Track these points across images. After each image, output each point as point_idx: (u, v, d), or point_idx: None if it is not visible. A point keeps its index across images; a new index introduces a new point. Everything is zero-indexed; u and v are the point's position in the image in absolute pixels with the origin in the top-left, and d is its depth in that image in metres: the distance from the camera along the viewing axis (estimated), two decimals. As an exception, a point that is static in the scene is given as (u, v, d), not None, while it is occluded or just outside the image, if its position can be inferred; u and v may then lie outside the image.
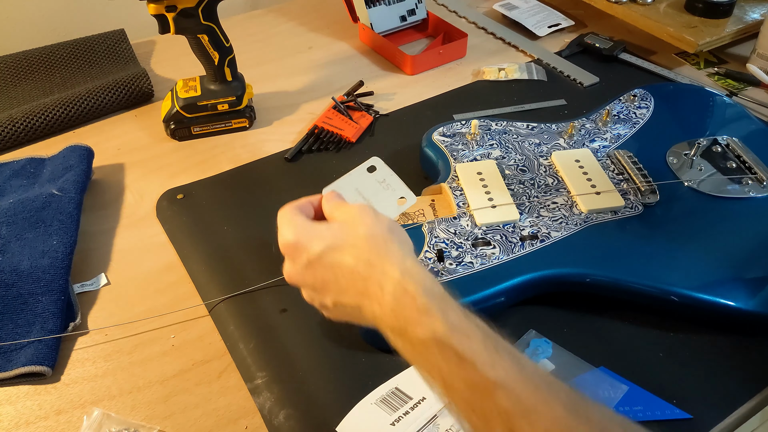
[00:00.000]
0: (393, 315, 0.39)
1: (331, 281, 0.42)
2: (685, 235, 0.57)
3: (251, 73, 0.84)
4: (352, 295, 0.41)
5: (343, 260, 0.41)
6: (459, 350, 0.36)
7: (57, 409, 0.50)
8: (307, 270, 0.43)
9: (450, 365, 0.36)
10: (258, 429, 0.48)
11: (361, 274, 0.40)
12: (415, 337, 0.38)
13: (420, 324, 0.38)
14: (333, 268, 0.42)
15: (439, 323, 0.37)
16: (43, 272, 0.57)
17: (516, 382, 0.35)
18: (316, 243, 0.42)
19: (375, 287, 0.40)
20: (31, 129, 0.76)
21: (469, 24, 1.02)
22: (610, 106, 0.73)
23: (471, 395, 0.35)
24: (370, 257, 0.41)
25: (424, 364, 0.38)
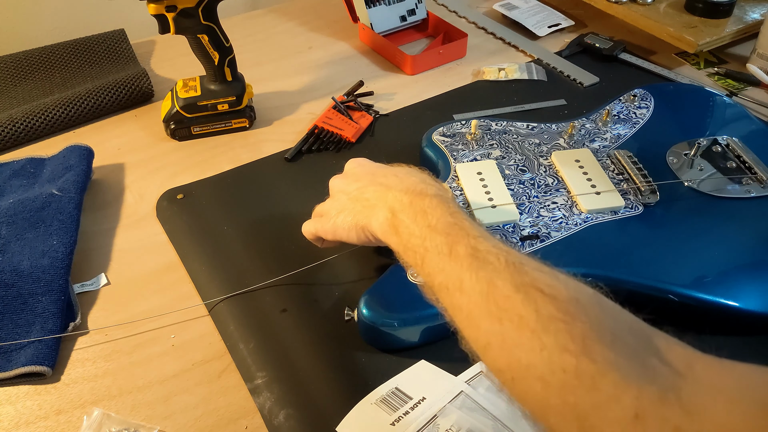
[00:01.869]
0: (412, 185, 0.48)
1: (365, 173, 0.53)
2: (685, 235, 0.57)
3: (251, 73, 0.84)
4: (387, 178, 0.51)
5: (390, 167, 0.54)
6: (455, 210, 0.44)
7: (57, 409, 0.50)
8: (364, 170, 0.54)
9: (443, 214, 0.43)
10: (258, 429, 0.48)
11: (398, 171, 0.52)
12: (426, 195, 0.46)
13: (436, 191, 0.47)
14: (383, 171, 0.53)
15: (451, 197, 0.48)
16: (43, 272, 0.57)
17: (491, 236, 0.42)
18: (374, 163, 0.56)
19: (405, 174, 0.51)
20: (31, 129, 0.76)
21: (469, 24, 1.02)
22: (610, 106, 0.73)
23: (449, 230, 0.42)
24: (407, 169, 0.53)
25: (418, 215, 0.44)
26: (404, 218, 0.45)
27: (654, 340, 0.34)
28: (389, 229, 0.47)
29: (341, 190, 0.54)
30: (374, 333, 0.51)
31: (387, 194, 0.48)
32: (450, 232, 0.42)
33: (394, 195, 0.48)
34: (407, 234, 0.44)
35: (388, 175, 0.51)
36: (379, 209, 0.48)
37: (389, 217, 0.47)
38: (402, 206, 0.46)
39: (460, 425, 0.45)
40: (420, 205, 0.45)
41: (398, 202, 0.47)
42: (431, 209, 0.44)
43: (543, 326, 0.33)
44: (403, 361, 0.51)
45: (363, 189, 0.51)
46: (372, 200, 0.49)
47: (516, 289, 0.36)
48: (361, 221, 0.50)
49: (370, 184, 0.51)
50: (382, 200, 0.48)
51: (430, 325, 0.51)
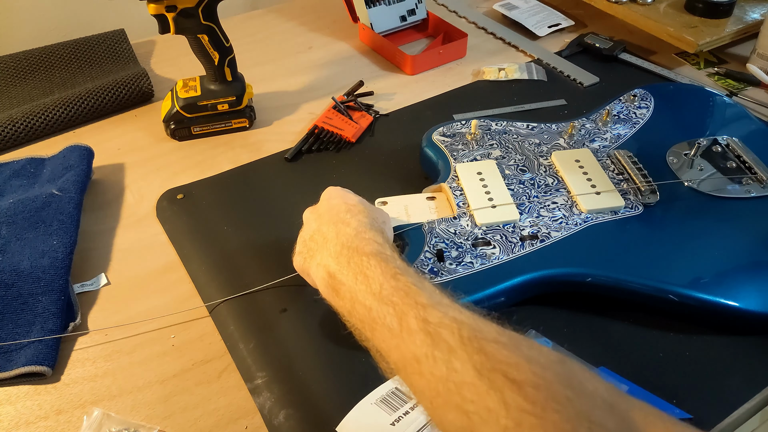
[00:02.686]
0: (347, 242, 0.45)
1: (323, 218, 0.50)
2: (685, 235, 0.57)
3: (251, 73, 0.84)
4: (327, 227, 0.48)
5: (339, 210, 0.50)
6: (396, 268, 0.42)
7: (57, 409, 0.50)
8: (321, 209, 0.52)
9: (385, 277, 0.41)
10: (258, 429, 0.48)
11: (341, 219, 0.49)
12: (364, 254, 0.43)
13: (373, 247, 0.44)
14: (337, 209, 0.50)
15: (390, 251, 0.45)
16: (43, 272, 0.57)
17: (438, 295, 0.39)
18: (351, 195, 0.54)
19: (343, 225, 0.48)
20: (31, 129, 0.76)
21: (469, 24, 1.02)
22: (610, 106, 0.73)
23: (396, 298, 0.39)
24: (352, 212, 0.50)
25: (358, 278, 0.42)
26: (344, 280, 0.43)
27: (631, 416, 0.32)
28: (329, 291, 0.44)
29: (305, 225, 0.52)
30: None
31: (324, 247, 0.46)
32: (396, 300, 0.39)
33: (329, 251, 0.45)
34: (350, 299, 0.42)
35: (330, 223, 0.48)
36: (316, 264, 0.46)
37: (326, 278, 0.44)
38: (339, 266, 0.44)
39: (460, 425, 0.45)
40: (359, 266, 0.42)
41: (334, 261, 0.44)
42: (371, 271, 0.41)
43: (515, 422, 0.30)
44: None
45: (312, 234, 0.49)
46: (313, 249, 0.48)
47: (478, 375, 0.32)
48: (306, 269, 0.48)
49: (317, 231, 0.49)
50: (319, 253, 0.46)
51: (430, 325, 0.51)
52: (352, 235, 0.46)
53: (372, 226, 0.48)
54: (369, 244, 0.44)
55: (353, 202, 0.51)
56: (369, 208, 0.52)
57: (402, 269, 0.42)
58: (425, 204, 0.61)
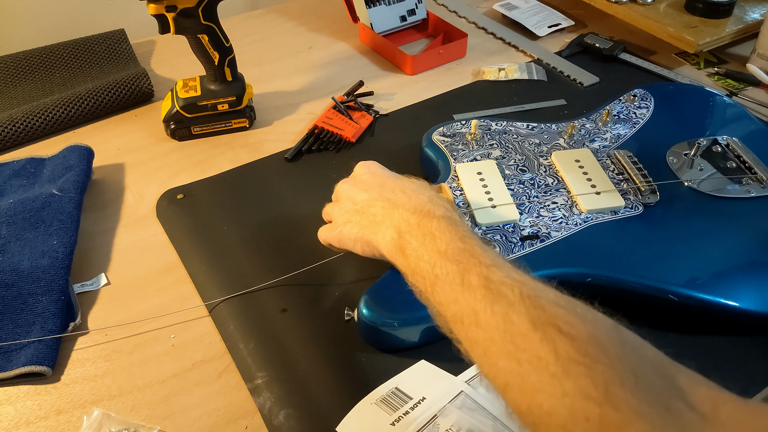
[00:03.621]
0: (420, 204, 0.47)
1: (375, 183, 0.52)
2: (685, 235, 0.57)
3: (251, 73, 0.84)
4: (394, 193, 0.50)
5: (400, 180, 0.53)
6: (465, 232, 0.43)
7: (57, 409, 0.50)
8: (373, 177, 0.54)
9: (453, 238, 0.42)
10: (258, 429, 0.48)
11: (408, 186, 0.51)
12: (435, 216, 0.45)
13: (444, 211, 0.46)
14: (392, 181, 0.52)
15: (459, 217, 0.47)
16: (43, 272, 0.57)
17: (502, 260, 0.41)
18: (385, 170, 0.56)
19: (413, 192, 0.50)
20: (31, 129, 0.76)
21: (469, 24, 1.02)
22: (610, 106, 0.73)
23: (461, 257, 0.41)
24: (417, 183, 0.52)
25: (426, 238, 0.43)
26: (411, 240, 0.44)
27: (678, 379, 0.33)
28: (395, 250, 0.46)
29: (348, 197, 0.53)
30: (374, 333, 0.51)
31: (393, 212, 0.47)
32: (461, 259, 0.40)
33: (400, 214, 0.47)
34: (415, 257, 0.43)
35: (396, 190, 0.50)
36: (385, 227, 0.47)
37: (395, 238, 0.46)
38: (409, 227, 0.45)
39: (460, 425, 0.45)
40: (428, 227, 0.44)
41: (405, 222, 0.46)
42: (440, 232, 0.43)
43: (563, 370, 0.32)
44: (403, 361, 0.51)
45: (370, 202, 0.50)
46: (378, 216, 0.49)
47: (533, 327, 0.34)
48: (366, 236, 0.49)
49: (378, 198, 0.50)
50: (388, 217, 0.48)
51: (430, 325, 0.51)
52: (425, 201, 0.48)
53: (439, 195, 0.50)
54: (439, 209, 0.46)
55: (409, 177, 0.54)
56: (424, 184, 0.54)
57: (469, 233, 0.44)
58: None
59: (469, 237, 0.43)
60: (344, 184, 0.55)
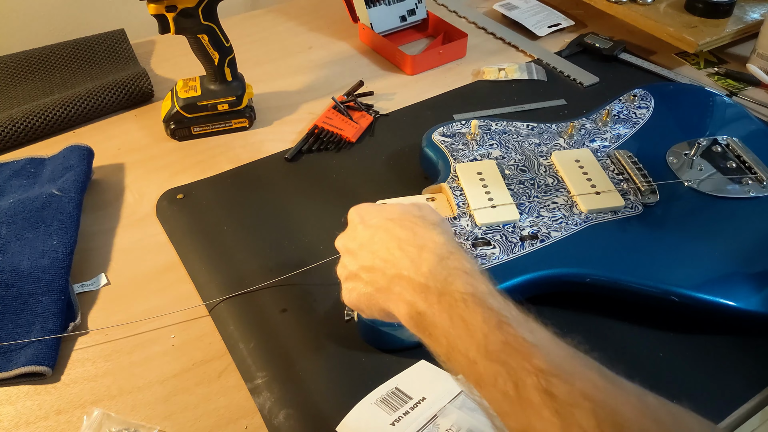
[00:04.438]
0: (430, 273, 0.39)
1: (378, 242, 0.44)
2: (685, 235, 0.57)
3: (251, 73, 0.84)
4: (392, 253, 0.42)
5: (396, 228, 0.44)
6: (499, 312, 0.36)
7: (57, 409, 0.50)
8: (365, 230, 0.45)
9: (489, 325, 0.35)
10: (258, 429, 0.48)
11: (408, 239, 0.43)
12: (456, 291, 0.37)
13: (464, 281, 0.38)
14: (386, 229, 0.44)
15: (483, 285, 0.38)
16: (43, 272, 0.57)
17: (553, 348, 0.34)
18: (387, 208, 0.47)
19: (415, 249, 0.41)
20: (31, 129, 0.76)
21: (469, 24, 1.02)
22: (610, 106, 0.73)
23: (506, 357, 0.34)
24: (417, 230, 0.43)
25: (456, 323, 0.36)
26: (437, 322, 0.37)
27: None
28: (418, 330, 0.39)
29: (347, 252, 0.46)
30: (374, 333, 0.51)
31: (400, 283, 0.40)
32: (506, 359, 0.34)
33: (411, 288, 0.39)
34: (447, 344, 0.36)
35: (392, 248, 0.42)
36: (395, 299, 0.40)
37: (414, 317, 0.39)
38: (428, 303, 0.38)
39: (460, 425, 0.45)
40: (453, 307, 0.37)
41: (421, 299, 0.38)
42: (470, 316, 0.36)
43: None
44: (403, 361, 0.51)
45: (370, 270, 0.43)
46: (382, 284, 0.41)
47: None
48: (376, 306, 0.43)
49: (377, 264, 0.42)
50: (395, 291, 0.40)
51: (430, 325, 0.51)
52: (433, 263, 0.40)
53: (450, 242, 0.42)
54: (458, 276, 0.39)
55: (406, 213, 0.45)
56: (427, 213, 0.46)
57: (504, 311, 0.36)
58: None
59: (506, 322, 0.36)
60: (339, 240, 0.48)
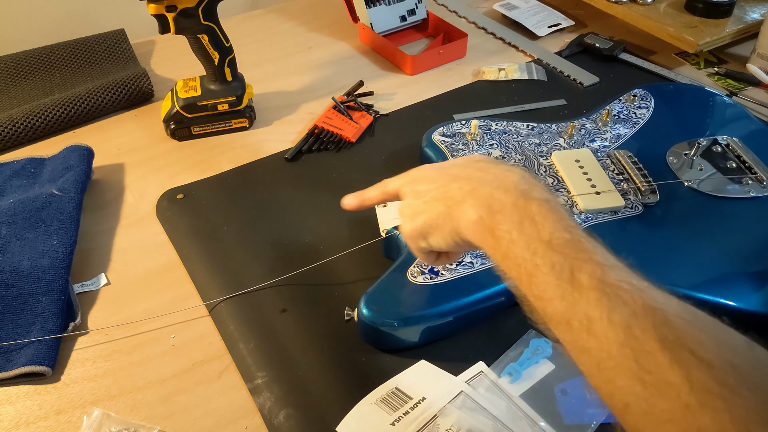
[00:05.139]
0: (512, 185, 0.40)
1: (447, 169, 0.44)
2: (685, 235, 0.57)
3: (251, 73, 0.84)
4: (470, 173, 0.42)
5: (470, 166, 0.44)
6: (571, 223, 0.37)
7: (57, 409, 0.50)
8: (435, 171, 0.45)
9: (557, 227, 0.37)
10: (258, 429, 0.48)
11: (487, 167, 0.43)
12: (533, 199, 0.38)
13: (542, 195, 0.39)
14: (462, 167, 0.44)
15: (560, 206, 0.39)
16: (43, 272, 0.57)
17: (619, 264, 0.35)
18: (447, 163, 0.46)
19: (498, 170, 0.42)
20: (31, 129, 0.76)
21: (469, 24, 1.02)
22: (610, 106, 0.73)
23: (569, 250, 0.35)
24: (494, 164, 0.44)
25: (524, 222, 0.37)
26: (504, 220, 0.38)
27: None
28: (483, 230, 0.39)
29: (412, 191, 0.45)
30: (374, 333, 0.51)
31: (478, 189, 0.40)
32: (568, 252, 0.35)
33: (488, 191, 0.40)
34: (508, 240, 0.37)
35: (471, 168, 0.43)
36: (468, 206, 0.40)
37: (483, 216, 0.39)
38: (501, 206, 0.39)
39: (460, 425, 0.45)
40: (526, 209, 0.38)
41: (496, 201, 0.39)
42: (541, 217, 0.37)
43: (698, 401, 0.28)
44: (403, 361, 0.51)
45: (444, 187, 0.43)
46: (457, 197, 0.41)
47: (662, 346, 0.30)
48: (441, 220, 0.42)
49: (453, 180, 0.43)
50: (471, 196, 0.40)
51: (430, 325, 0.51)
52: (516, 179, 0.41)
53: (531, 174, 0.43)
54: (536, 189, 0.40)
55: (473, 158, 0.46)
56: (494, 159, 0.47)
57: (574, 223, 0.38)
58: None
59: (575, 227, 0.37)
60: (406, 177, 0.47)
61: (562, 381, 0.50)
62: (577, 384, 0.49)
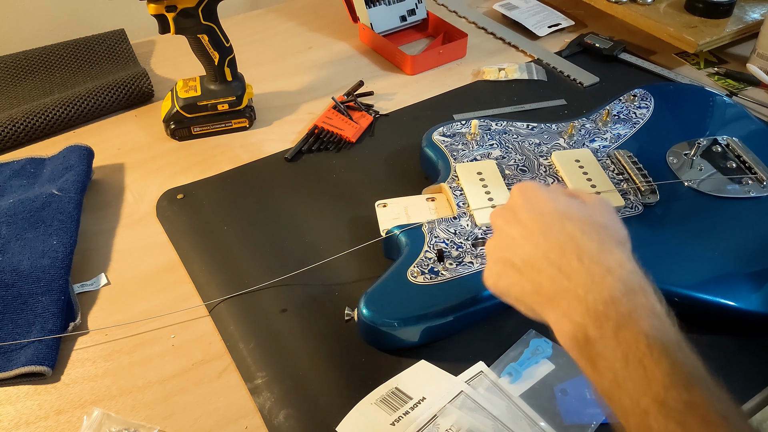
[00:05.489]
0: (612, 301, 0.34)
1: (552, 241, 0.39)
2: (685, 235, 0.57)
3: (251, 73, 0.84)
4: (569, 262, 0.37)
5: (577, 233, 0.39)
6: (688, 372, 0.32)
7: (57, 409, 0.50)
8: (532, 216, 0.40)
9: (673, 381, 0.31)
10: (258, 429, 0.48)
11: (591, 252, 0.37)
12: (641, 332, 0.33)
13: (651, 323, 0.34)
14: (562, 227, 0.39)
15: (672, 333, 0.34)
16: (43, 272, 0.57)
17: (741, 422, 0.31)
18: (563, 200, 0.41)
19: (599, 268, 0.36)
20: (31, 129, 0.76)
21: (469, 24, 1.02)
22: (610, 106, 0.73)
23: (688, 419, 0.31)
24: (603, 245, 0.38)
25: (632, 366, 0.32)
26: (607, 355, 0.33)
27: None
28: (580, 353, 0.35)
29: (505, 235, 0.41)
30: (374, 333, 0.51)
31: (570, 298, 0.36)
32: (689, 421, 0.30)
33: (583, 307, 0.35)
34: (611, 380, 0.33)
35: (567, 251, 0.38)
36: (560, 311, 0.36)
37: (580, 339, 0.35)
38: (601, 332, 0.34)
39: (460, 425, 0.45)
40: (632, 346, 0.33)
41: (594, 324, 0.34)
42: (651, 363, 0.32)
43: None
44: (403, 361, 0.51)
45: (532, 262, 0.39)
46: (545, 288, 0.37)
47: None
48: (530, 305, 0.39)
49: (543, 259, 0.38)
50: (562, 298, 0.36)
51: (430, 325, 0.51)
52: (619, 292, 0.35)
53: (639, 272, 0.37)
54: (645, 316, 0.34)
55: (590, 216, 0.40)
56: (615, 224, 0.41)
57: (694, 371, 0.32)
58: (425, 205, 0.60)
59: (695, 384, 0.32)
60: (498, 218, 0.43)
61: (562, 381, 0.50)
62: (577, 384, 0.49)
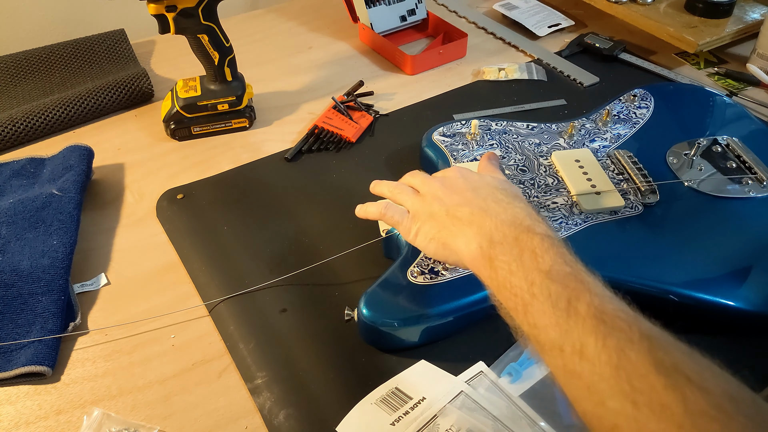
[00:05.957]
0: (516, 219, 0.43)
1: (467, 188, 0.48)
2: (685, 235, 0.57)
3: (251, 73, 0.84)
4: (482, 204, 0.46)
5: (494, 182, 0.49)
6: (572, 260, 0.39)
7: (57, 409, 0.50)
8: (456, 180, 0.49)
9: (558, 262, 0.39)
10: (258, 429, 0.48)
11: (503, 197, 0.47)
12: (536, 234, 0.41)
13: (545, 231, 0.42)
14: (482, 181, 0.49)
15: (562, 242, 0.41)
16: (43, 272, 0.57)
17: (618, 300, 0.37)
18: (472, 174, 0.51)
19: (509, 200, 0.46)
20: (31, 129, 0.76)
21: (469, 24, 1.02)
22: (610, 106, 0.73)
23: (568, 281, 0.37)
24: (512, 193, 0.48)
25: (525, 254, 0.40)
26: (504, 253, 0.41)
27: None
28: (481, 259, 0.42)
29: (435, 196, 0.49)
30: (374, 333, 0.51)
31: (485, 220, 0.44)
32: (567, 283, 0.37)
33: (494, 223, 0.43)
34: (506, 271, 0.40)
35: (488, 199, 0.46)
36: (472, 233, 0.44)
37: (484, 246, 0.42)
38: (503, 238, 0.42)
39: (460, 425, 0.45)
40: (528, 243, 0.40)
41: (499, 233, 0.42)
42: (542, 251, 0.39)
43: (693, 422, 0.28)
44: (403, 361, 0.51)
45: (459, 206, 0.47)
46: (465, 221, 0.45)
47: (656, 369, 0.31)
48: (445, 238, 0.46)
49: (468, 204, 0.46)
50: (477, 224, 0.44)
51: (430, 325, 0.51)
52: (522, 215, 0.44)
53: (536, 211, 0.46)
54: (540, 226, 0.43)
55: (503, 180, 0.50)
56: (517, 191, 0.49)
57: (574, 258, 0.40)
58: None
59: (575, 262, 0.39)
60: (432, 181, 0.50)
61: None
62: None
